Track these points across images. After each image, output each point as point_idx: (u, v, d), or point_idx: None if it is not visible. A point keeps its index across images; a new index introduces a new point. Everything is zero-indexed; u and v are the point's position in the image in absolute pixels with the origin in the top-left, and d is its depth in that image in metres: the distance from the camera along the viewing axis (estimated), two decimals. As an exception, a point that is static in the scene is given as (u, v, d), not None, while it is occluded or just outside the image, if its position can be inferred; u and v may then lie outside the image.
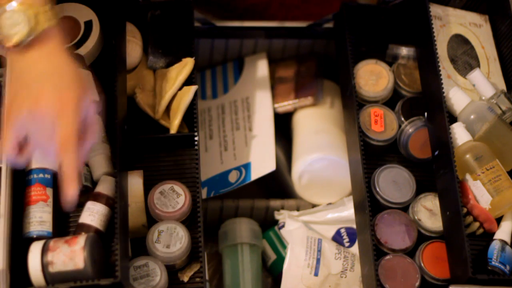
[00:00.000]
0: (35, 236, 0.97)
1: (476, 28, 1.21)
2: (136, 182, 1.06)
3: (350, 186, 1.17)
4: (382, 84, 1.17)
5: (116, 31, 1.09)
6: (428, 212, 1.09)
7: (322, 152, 1.24)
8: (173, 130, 1.12)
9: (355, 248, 1.18)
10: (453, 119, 1.11)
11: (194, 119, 1.11)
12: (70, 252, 0.92)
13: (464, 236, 0.99)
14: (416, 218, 1.08)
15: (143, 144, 1.11)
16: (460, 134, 1.08)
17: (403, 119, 1.15)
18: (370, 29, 1.22)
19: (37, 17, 0.89)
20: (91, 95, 0.92)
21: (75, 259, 0.92)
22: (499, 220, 1.06)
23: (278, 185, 1.31)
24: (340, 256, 1.17)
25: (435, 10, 1.18)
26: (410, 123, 1.14)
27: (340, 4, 1.20)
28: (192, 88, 1.12)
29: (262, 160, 1.24)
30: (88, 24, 1.10)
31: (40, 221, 0.97)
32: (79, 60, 1.06)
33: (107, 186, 1.01)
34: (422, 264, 1.05)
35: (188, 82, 1.14)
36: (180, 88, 1.13)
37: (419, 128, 1.13)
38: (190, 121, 1.12)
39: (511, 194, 1.04)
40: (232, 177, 1.25)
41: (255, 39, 1.34)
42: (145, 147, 1.11)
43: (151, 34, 1.18)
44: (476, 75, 1.13)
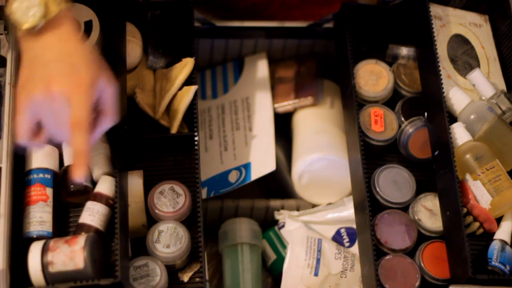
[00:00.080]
0: (35, 236, 0.97)
1: (476, 28, 1.21)
2: (136, 182, 1.06)
3: (350, 186, 1.17)
4: (382, 84, 1.17)
5: (116, 31, 1.09)
6: (428, 212, 1.09)
7: (322, 152, 1.24)
8: (173, 130, 1.12)
9: (355, 248, 1.18)
10: (453, 119, 1.11)
11: (194, 119, 1.11)
12: (70, 252, 0.92)
13: (464, 236, 0.99)
14: (416, 218, 1.08)
15: (143, 144, 1.11)
16: (460, 134, 1.08)
17: (403, 119, 1.15)
18: (370, 29, 1.22)
19: (50, 0, 0.89)
20: (106, 76, 0.92)
21: (75, 259, 0.92)
22: (499, 220, 1.06)
23: (278, 185, 1.31)
24: (340, 256, 1.16)
25: (435, 10, 1.18)
26: (410, 123, 1.14)
27: (340, 4, 1.20)
28: (192, 88, 1.12)
29: (262, 160, 1.24)
30: (88, 24, 1.10)
31: (40, 221, 0.97)
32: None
33: (107, 186, 1.01)
34: (422, 264, 1.05)
35: (188, 82, 1.14)
36: (180, 88, 1.13)
37: (419, 128, 1.13)
38: (190, 121, 1.12)
39: (511, 194, 1.04)
40: (232, 177, 1.25)
41: (255, 39, 1.34)
42: (145, 147, 1.11)
43: (151, 34, 1.18)
44: (476, 75, 1.13)
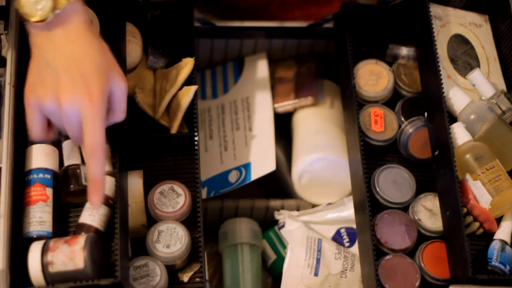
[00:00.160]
0: (35, 236, 0.97)
1: (476, 28, 1.21)
2: (136, 182, 1.06)
3: (350, 186, 1.17)
4: (382, 84, 1.17)
5: (116, 31, 1.09)
6: (428, 212, 1.09)
7: (322, 152, 1.24)
8: (173, 130, 1.12)
9: (355, 248, 1.18)
10: (453, 119, 1.11)
11: (194, 119, 1.11)
12: (70, 252, 0.92)
13: (464, 236, 0.98)
14: (416, 218, 1.08)
15: (143, 144, 1.11)
16: (460, 134, 1.08)
17: (403, 119, 1.15)
18: (370, 29, 1.22)
19: None
20: (116, 73, 0.93)
21: (75, 259, 0.92)
22: (499, 220, 1.06)
23: (278, 185, 1.31)
24: (340, 256, 1.16)
25: (435, 10, 1.18)
26: (410, 123, 1.14)
27: (340, 4, 1.20)
28: (192, 88, 1.12)
29: (262, 160, 1.24)
30: (88, 24, 1.10)
31: (40, 221, 0.97)
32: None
33: (107, 186, 1.01)
34: (422, 264, 1.05)
35: (188, 82, 1.14)
36: (180, 88, 1.13)
37: (419, 128, 1.13)
38: (190, 121, 1.12)
39: (511, 194, 1.04)
40: (232, 177, 1.25)
41: (255, 39, 1.34)
42: (145, 147, 1.11)
43: (151, 34, 1.18)
44: (476, 75, 1.13)
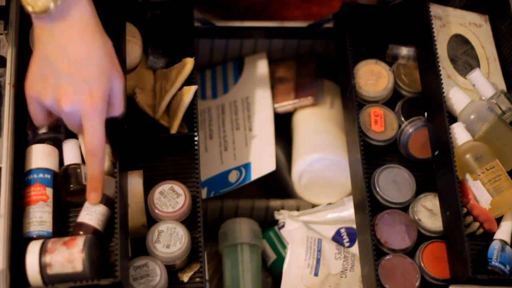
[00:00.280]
0: (35, 236, 0.97)
1: (476, 28, 1.21)
2: (136, 182, 1.06)
3: (350, 186, 1.17)
4: (382, 84, 1.17)
5: (116, 31, 1.09)
6: (428, 212, 1.09)
7: (322, 152, 1.24)
8: (173, 130, 1.12)
9: (355, 248, 1.18)
10: (453, 119, 1.11)
11: (194, 119, 1.11)
12: (69, 255, 0.92)
13: (464, 236, 0.98)
14: (416, 218, 1.08)
15: (143, 144, 1.11)
16: (460, 134, 1.08)
17: (403, 119, 1.15)
18: (370, 29, 1.22)
19: None
20: (117, 71, 0.94)
21: (74, 262, 0.92)
22: (499, 220, 1.06)
23: (278, 185, 1.31)
24: (340, 256, 1.16)
25: (435, 10, 1.18)
26: (410, 123, 1.14)
27: (340, 4, 1.20)
28: (192, 88, 1.12)
29: (262, 160, 1.24)
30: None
31: (40, 221, 0.97)
32: None
33: (107, 186, 1.01)
34: (422, 264, 1.05)
35: (188, 82, 1.14)
36: (180, 88, 1.13)
37: (419, 128, 1.13)
38: (190, 121, 1.12)
39: (511, 194, 1.04)
40: (232, 177, 1.25)
41: (255, 39, 1.34)
42: (145, 147, 1.11)
43: (151, 34, 1.18)
44: (476, 75, 1.13)
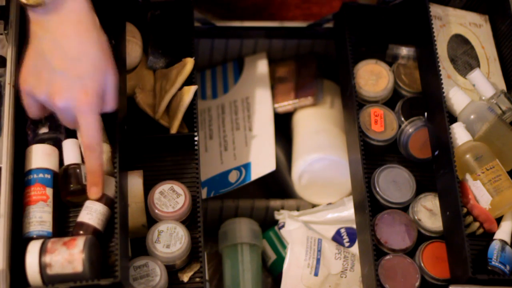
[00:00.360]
0: (35, 236, 0.97)
1: (476, 28, 1.21)
2: (136, 182, 1.06)
3: (350, 186, 1.17)
4: (382, 84, 1.17)
5: (116, 31, 1.09)
6: (428, 212, 1.09)
7: (322, 152, 1.24)
8: (173, 130, 1.12)
9: (355, 248, 1.18)
10: (453, 119, 1.11)
11: (194, 119, 1.11)
12: (69, 255, 0.92)
13: (464, 236, 0.98)
14: (416, 218, 1.08)
15: (143, 144, 1.11)
16: (460, 134, 1.08)
17: (403, 119, 1.15)
18: (370, 29, 1.22)
19: None
20: (110, 68, 0.94)
21: (74, 263, 0.92)
22: (499, 220, 1.06)
23: (278, 185, 1.31)
24: (340, 256, 1.16)
25: (435, 10, 1.18)
26: (410, 123, 1.14)
27: (340, 4, 1.20)
28: (192, 88, 1.12)
29: (262, 160, 1.24)
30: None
31: (40, 221, 0.97)
32: None
33: (107, 186, 1.01)
34: (422, 264, 1.05)
35: (188, 82, 1.14)
36: (180, 88, 1.13)
37: (419, 128, 1.13)
38: (190, 121, 1.12)
39: (511, 194, 1.04)
40: (232, 177, 1.25)
41: (255, 39, 1.34)
42: (145, 147, 1.11)
43: (151, 34, 1.18)
44: (476, 75, 1.13)
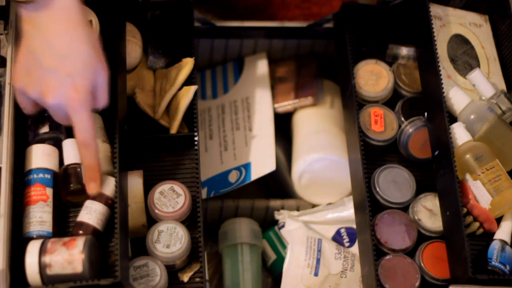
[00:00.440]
0: (35, 236, 0.96)
1: (476, 28, 1.21)
2: (136, 182, 1.06)
3: (350, 186, 1.17)
4: (382, 84, 1.17)
5: (116, 31, 1.09)
6: (428, 212, 1.09)
7: (322, 152, 1.24)
8: (173, 130, 1.12)
9: (355, 248, 1.18)
10: (453, 119, 1.11)
11: (194, 119, 1.11)
12: (69, 256, 0.92)
13: (464, 236, 0.98)
14: (416, 218, 1.08)
15: (143, 144, 1.11)
16: (460, 134, 1.08)
17: (403, 119, 1.15)
18: (370, 29, 1.22)
19: None
20: (101, 64, 0.94)
21: (74, 263, 0.91)
22: (499, 220, 1.06)
23: (278, 185, 1.31)
24: (340, 256, 1.16)
25: (435, 10, 1.18)
26: (410, 123, 1.14)
27: (340, 4, 1.20)
28: (192, 88, 1.12)
29: (262, 160, 1.24)
30: (88, 24, 1.10)
31: (40, 221, 0.97)
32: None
33: (107, 186, 1.01)
34: (422, 264, 1.05)
35: (188, 82, 1.14)
36: (180, 88, 1.13)
37: (419, 128, 1.13)
38: (190, 121, 1.12)
39: (511, 194, 1.04)
40: (232, 177, 1.25)
41: (255, 39, 1.34)
42: (145, 147, 1.11)
43: (151, 34, 1.18)
44: (476, 75, 1.13)
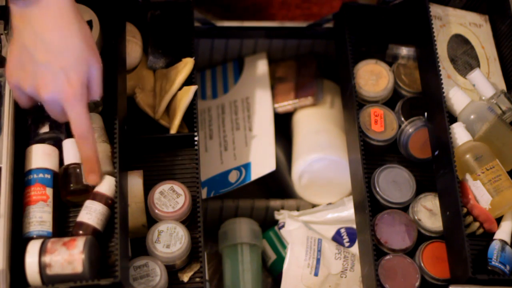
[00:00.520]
0: (35, 236, 0.97)
1: (476, 28, 1.21)
2: (136, 182, 1.06)
3: (350, 186, 1.17)
4: (382, 84, 1.17)
5: (116, 31, 1.09)
6: (428, 212, 1.09)
7: (322, 152, 1.24)
8: (173, 130, 1.12)
9: (355, 248, 1.18)
10: (453, 119, 1.11)
11: (194, 119, 1.11)
12: (69, 256, 0.92)
13: (464, 236, 0.99)
14: (416, 218, 1.08)
15: (143, 144, 1.11)
16: (460, 134, 1.08)
17: (403, 119, 1.15)
18: (370, 29, 1.22)
19: None
20: (94, 57, 0.94)
21: (74, 263, 0.92)
22: (499, 220, 1.06)
23: (278, 185, 1.31)
24: (340, 256, 1.16)
25: (435, 10, 1.18)
26: (410, 123, 1.14)
27: (340, 4, 1.20)
28: (192, 88, 1.12)
29: (262, 160, 1.24)
30: (88, 24, 1.10)
31: (40, 221, 0.97)
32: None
33: (107, 186, 1.01)
34: (422, 264, 1.05)
35: (188, 82, 1.14)
36: (180, 88, 1.13)
37: (419, 128, 1.13)
38: (190, 121, 1.12)
39: (511, 194, 1.04)
40: (232, 177, 1.25)
41: (255, 39, 1.34)
42: (145, 147, 1.11)
43: (151, 34, 1.18)
44: (476, 75, 1.13)
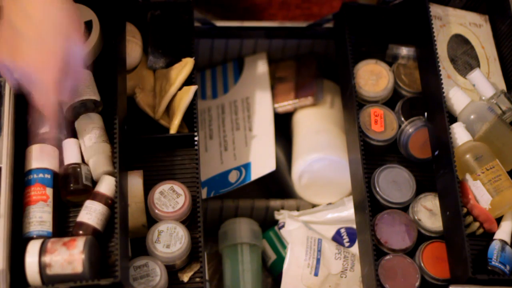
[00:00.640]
0: (35, 236, 0.97)
1: (476, 28, 1.21)
2: (136, 182, 1.06)
3: (350, 186, 1.17)
4: (382, 84, 1.17)
5: (116, 31, 1.09)
6: (428, 212, 1.09)
7: (322, 152, 1.24)
8: (173, 130, 1.12)
9: (355, 248, 1.18)
10: (453, 119, 1.11)
11: (194, 119, 1.11)
12: (69, 256, 0.92)
13: (464, 236, 0.99)
14: (416, 218, 1.08)
15: (143, 144, 1.11)
16: (460, 134, 1.08)
17: (403, 119, 1.15)
18: (370, 29, 1.22)
19: None
20: (75, 37, 0.93)
21: (74, 263, 0.92)
22: (499, 220, 1.06)
23: (278, 185, 1.31)
24: (340, 256, 1.16)
25: (435, 10, 1.18)
26: (410, 123, 1.14)
27: (340, 4, 1.20)
28: (192, 88, 1.12)
29: (262, 160, 1.24)
30: (88, 24, 1.10)
31: (40, 221, 0.97)
32: None
33: (107, 186, 1.01)
34: (422, 264, 1.05)
35: (188, 82, 1.14)
36: (180, 88, 1.13)
37: (419, 128, 1.13)
38: (190, 121, 1.12)
39: (511, 194, 1.04)
40: (232, 177, 1.25)
41: (255, 39, 1.34)
42: (145, 147, 1.11)
43: (151, 34, 1.18)
44: (476, 75, 1.13)
